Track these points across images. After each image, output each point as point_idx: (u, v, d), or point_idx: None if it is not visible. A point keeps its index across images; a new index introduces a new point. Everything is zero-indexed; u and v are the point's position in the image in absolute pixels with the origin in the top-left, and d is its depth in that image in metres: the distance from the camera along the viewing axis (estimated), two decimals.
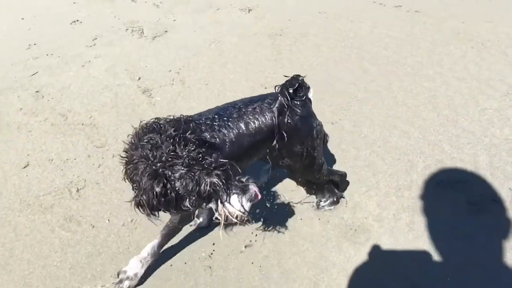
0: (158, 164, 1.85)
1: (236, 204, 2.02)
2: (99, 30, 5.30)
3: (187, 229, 2.93)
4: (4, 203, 3.20)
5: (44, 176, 3.40)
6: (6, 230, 3.02)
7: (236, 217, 2.04)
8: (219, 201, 1.97)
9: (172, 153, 1.86)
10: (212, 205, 2.00)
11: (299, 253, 2.88)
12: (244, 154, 2.43)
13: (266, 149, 2.54)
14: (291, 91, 2.37)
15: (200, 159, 1.87)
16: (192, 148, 1.88)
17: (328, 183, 3.06)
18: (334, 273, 2.77)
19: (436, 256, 2.86)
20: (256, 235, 2.97)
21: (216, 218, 2.06)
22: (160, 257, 2.73)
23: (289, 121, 2.44)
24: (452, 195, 3.25)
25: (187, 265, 2.79)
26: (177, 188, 1.87)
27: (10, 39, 5.13)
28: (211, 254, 2.86)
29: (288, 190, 3.27)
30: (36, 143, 3.71)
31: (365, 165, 3.53)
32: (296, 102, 2.41)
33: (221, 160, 1.92)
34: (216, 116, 2.33)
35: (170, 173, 1.85)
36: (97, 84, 4.43)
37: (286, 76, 2.44)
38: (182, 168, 1.86)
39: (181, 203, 1.93)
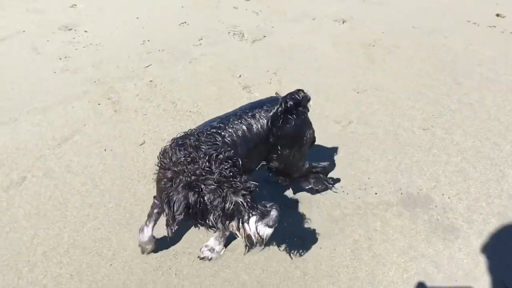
0: (193, 177, 2.06)
1: (252, 227, 2.12)
2: (204, 32, 5.80)
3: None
4: (124, 173, 3.65)
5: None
6: (127, 196, 3.45)
7: (251, 240, 2.15)
8: (240, 220, 2.11)
9: (207, 169, 2.06)
10: (234, 223, 2.12)
11: (389, 241, 3.04)
12: (250, 156, 2.63)
13: (265, 152, 2.75)
14: (290, 103, 2.62)
15: (231, 178, 2.05)
16: (226, 167, 2.07)
17: (309, 174, 3.18)
18: (422, 263, 2.90)
19: None
20: (348, 220, 3.17)
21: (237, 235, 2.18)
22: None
23: (280, 128, 2.66)
24: None
25: (287, 242, 3.05)
26: (205, 201, 2.05)
27: (126, 35, 5.76)
28: (305, 233, 3.10)
29: (380, 185, 3.45)
30: (151, 125, 4.17)
31: (456, 171, 3.62)
32: (291, 112, 2.64)
33: (250, 182, 2.08)
34: (221, 125, 2.55)
35: (203, 187, 2.05)
36: (202, 78, 4.88)
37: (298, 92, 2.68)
38: (213, 183, 2.04)
39: (206, 216, 2.10)
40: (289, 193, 3.42)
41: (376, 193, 3.40)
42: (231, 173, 2.05)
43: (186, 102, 4.48)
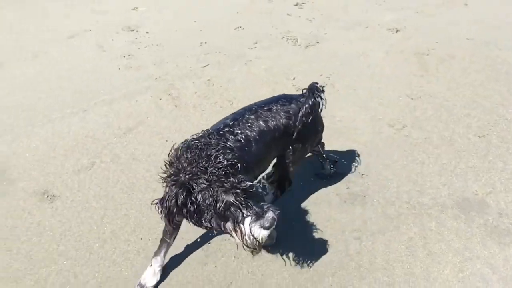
0: (187, 176, 2.07)
1: (247, 229, 2.04)
2: (259, 36, 6.00)
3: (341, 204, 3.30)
4: None
5: None
6: None
7: (247, 242, 2.07)
8: (235, 221, 2.05)
9: (202, 168, 2.06)
10: (229, 224, 2.07)
11: (444, 241, 3.08)
12: (267, 150, 2.68)
13: (282, 145, 2.79)
14: (319, 96, 2.79)
15: (223, 177, 2.03)
16: (220, 167, 2.05)
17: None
18: (478, 264, 2.92)
19: None
20: (403, 219, 3.24)
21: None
22: (329, 230, 3.13)
23: (306, 122, 2.76)
24: None
25: (341, 235, 3.15)
26: (198, 201, 2.05)
27: (185, 37, 6.03)
28: (360, 228, 3.19)
29: (435, 187, 3.50)
30: (209, 120, 4.36)
31: None
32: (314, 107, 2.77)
33: (246, 182, 2.04)
34: (234, 122, 2.57)
35: (194, 185, 2.05)
36: (257, 79, 5.06)
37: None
38: (205, 182, 2.03)
39: (200, 217, 2.09)
40: (343, 188, 3.51)
41: (431, 195, 3.45)
42: (223, 172, 2.04)
43: (241, 101, 4.65)
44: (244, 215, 2.04)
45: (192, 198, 2.05)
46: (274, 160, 2.99)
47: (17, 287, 2.83)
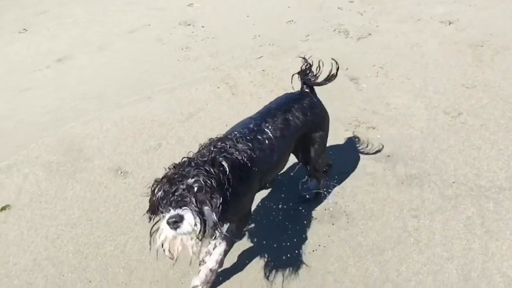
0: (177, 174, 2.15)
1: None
2: (310, 29, 6.15)
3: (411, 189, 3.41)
4: None
5: None
6: None
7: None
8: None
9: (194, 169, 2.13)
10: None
11: (502, 220, 3.14)
12: (287, 147, 2.82)
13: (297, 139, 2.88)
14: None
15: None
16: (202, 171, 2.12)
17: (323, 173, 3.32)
18: None
19: None
20: (461, 200, 3.31)
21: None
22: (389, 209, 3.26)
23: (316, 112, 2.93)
24: None
25: (399, 213, 3.27)
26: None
27: (239, 31, 6.26)
28: (418, 207, 3.29)
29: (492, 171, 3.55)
30: None
31: None
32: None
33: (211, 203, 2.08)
34: (256, 128, 2.66)
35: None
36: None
37: None
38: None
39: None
40: (401, 171, 3.62)
41: (488, 178, 3.50)
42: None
43: (297, 89, 4.82)
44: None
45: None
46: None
47: (98, 252, 3.11)
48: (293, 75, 3.13)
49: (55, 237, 3.21)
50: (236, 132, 2.60)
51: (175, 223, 2.00)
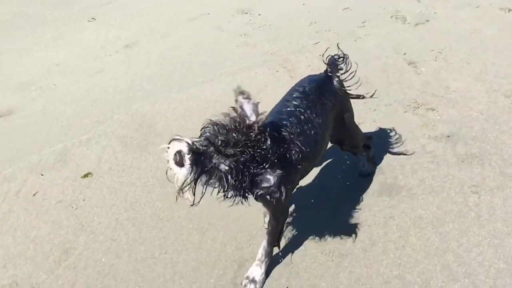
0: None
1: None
2: (367, 16, 6.21)
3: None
4: None
5: None
6: None
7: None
8: None
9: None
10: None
11: None
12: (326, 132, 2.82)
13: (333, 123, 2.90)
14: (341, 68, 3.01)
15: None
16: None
17: (364, 147, 3.34)
18: None
19: None
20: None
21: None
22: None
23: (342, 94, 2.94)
24: None
25: (460, 189, 3.33)
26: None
27: (295, 18, 6.41)
28: (478, 184, 3.35)
29: None
30: None
31: None
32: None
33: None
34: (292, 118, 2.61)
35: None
36: (368, 54, 5.29)
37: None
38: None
39: None
40: (461, 150, 3.67)
41: None
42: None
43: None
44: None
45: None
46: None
47: (173, 214, 3.38)
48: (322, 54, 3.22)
49: (133, 201, 3.51)
50: (282, 116, 2.64)
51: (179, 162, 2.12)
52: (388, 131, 3.98)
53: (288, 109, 2.66)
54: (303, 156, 2.44)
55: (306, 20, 6.31)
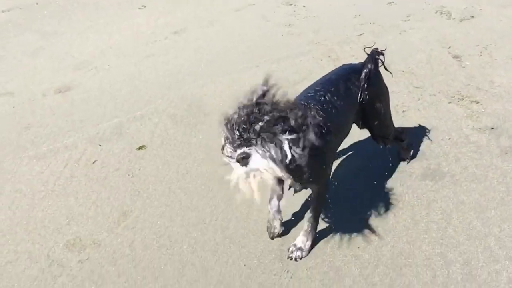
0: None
1: None
2: (411, 11, 6.26)
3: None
4: None
5: None
6: None
7: None
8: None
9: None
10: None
11: None
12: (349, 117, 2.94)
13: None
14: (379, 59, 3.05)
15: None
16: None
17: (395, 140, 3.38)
18: None
19: None
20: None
21: None
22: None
23: (374, 83, 2.97)
24: None
25: (503, 179, 3.40)
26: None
27: (339, 10, 6.53)
28: None
29: None
30: None
31: None
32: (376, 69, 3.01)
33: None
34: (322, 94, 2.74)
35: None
36: (412, 47, 5.36)
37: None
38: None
39: None
40: (505, 142, 3.73)
41: None
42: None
43: (398, 64, 5.01)
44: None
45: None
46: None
47: (222, 186, 3.57)
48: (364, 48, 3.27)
49: (185, 172, 3.73)
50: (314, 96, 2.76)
51: (243, 159, 2.11)
52: (432, 119, 4.06)
53: (310, 93, 2.82)
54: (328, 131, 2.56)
55: (351, 12, 6.42)
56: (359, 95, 2.96)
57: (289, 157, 2.18)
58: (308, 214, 2.94)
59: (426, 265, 2.79)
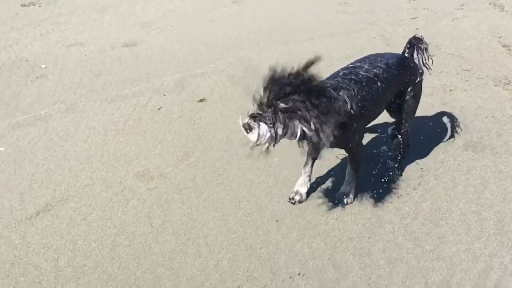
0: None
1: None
2: (465, 0, 6.37)
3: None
4: None
5: None
6: None
7: None
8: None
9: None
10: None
11: None
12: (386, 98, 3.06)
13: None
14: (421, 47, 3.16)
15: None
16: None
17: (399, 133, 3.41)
18: None
19: None
20: None
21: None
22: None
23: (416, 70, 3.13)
24: None
25: None
26: None
27: None
28: None
29: None
30: None
31: None
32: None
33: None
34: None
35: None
36: (464, 33, 5.51)
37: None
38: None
39: None
40: None
41: None
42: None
43: (448, 47, 5.19)
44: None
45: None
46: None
47: None
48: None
49: None
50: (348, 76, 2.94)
51: (246, 130, 2.48)
52: (478, 99, 4.26)
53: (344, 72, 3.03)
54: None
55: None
56: (392, 81, 3.00)
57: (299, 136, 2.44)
58: (348, 167, 3.20)
59: (461, 220, 3.04)
